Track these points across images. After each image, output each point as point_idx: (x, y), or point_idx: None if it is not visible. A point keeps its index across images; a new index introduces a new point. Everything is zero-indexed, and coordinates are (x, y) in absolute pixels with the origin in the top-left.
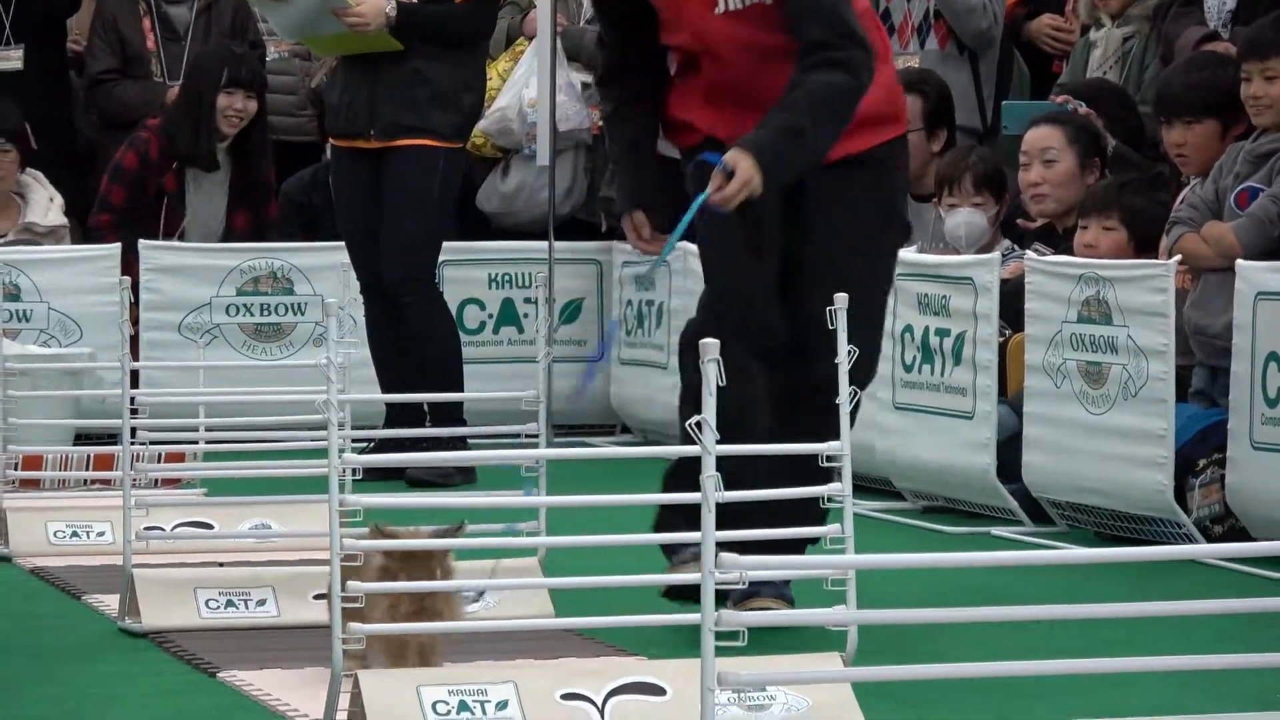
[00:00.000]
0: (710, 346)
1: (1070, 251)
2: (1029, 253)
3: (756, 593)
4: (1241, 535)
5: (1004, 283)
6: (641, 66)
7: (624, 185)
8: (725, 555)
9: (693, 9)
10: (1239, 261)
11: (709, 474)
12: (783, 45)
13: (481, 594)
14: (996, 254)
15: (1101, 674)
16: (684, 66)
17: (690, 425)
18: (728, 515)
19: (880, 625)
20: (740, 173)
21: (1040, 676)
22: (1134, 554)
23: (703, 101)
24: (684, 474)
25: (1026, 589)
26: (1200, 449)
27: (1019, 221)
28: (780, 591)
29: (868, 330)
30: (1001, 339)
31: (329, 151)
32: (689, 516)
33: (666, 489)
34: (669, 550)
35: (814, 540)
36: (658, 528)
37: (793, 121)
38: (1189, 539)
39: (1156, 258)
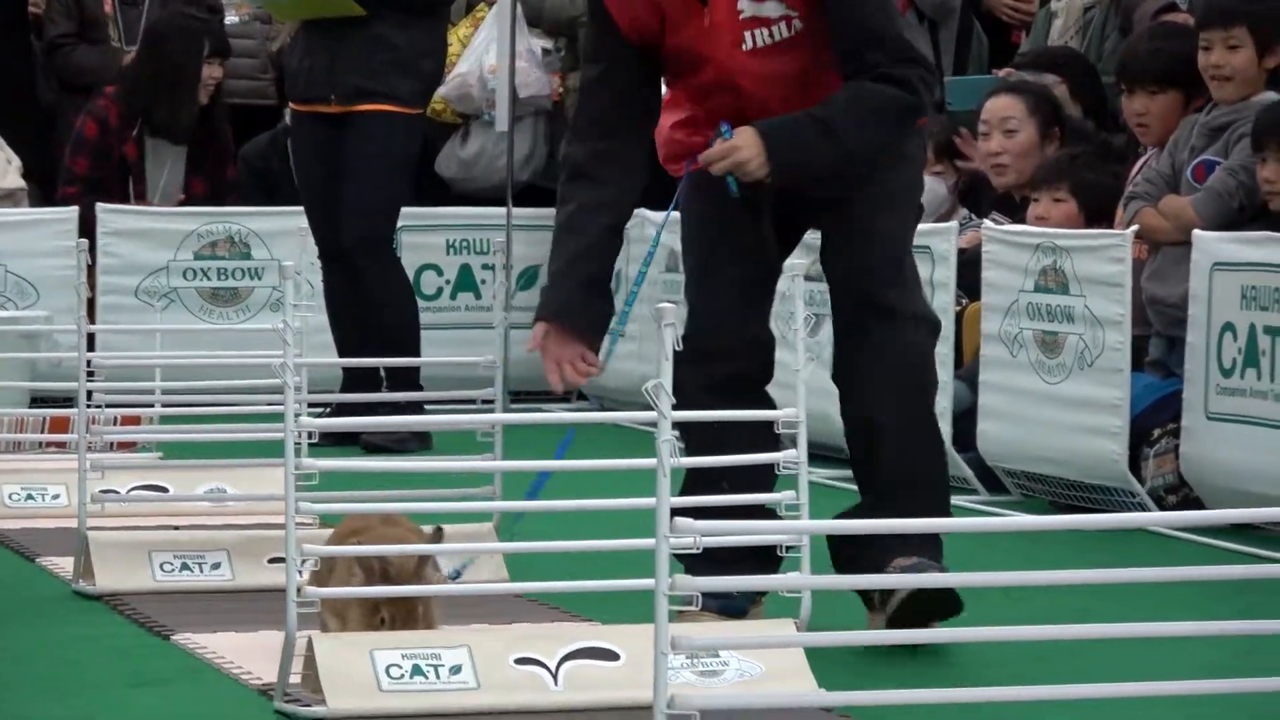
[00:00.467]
0: (668, 311)
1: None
2: (987, 222)
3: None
4: (1195, 505)
5: (961, 252)
6: (621, 145)
7: (548, 296)
8: (679, 520)
9: (721, 48)
10: (1195, 232)
11: (664, 439)
12: (814, 68)
13: (458, 574)
14: (954, 223)
15: (1056, 640)
16: (699, 96)
17: (646, 390)
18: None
19: (835, 591)
20: (736, 138)
21: (994, 643)
22: (1087, 521)
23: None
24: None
25: (981, 557)
26: (1155, 419)
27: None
28: (728, 607)
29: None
30: (958, 308)
31: (288, 116)
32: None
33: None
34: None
35: (778, 560)
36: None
37: (823, 114)
38: (1143, 509)
39: (1108, 229)
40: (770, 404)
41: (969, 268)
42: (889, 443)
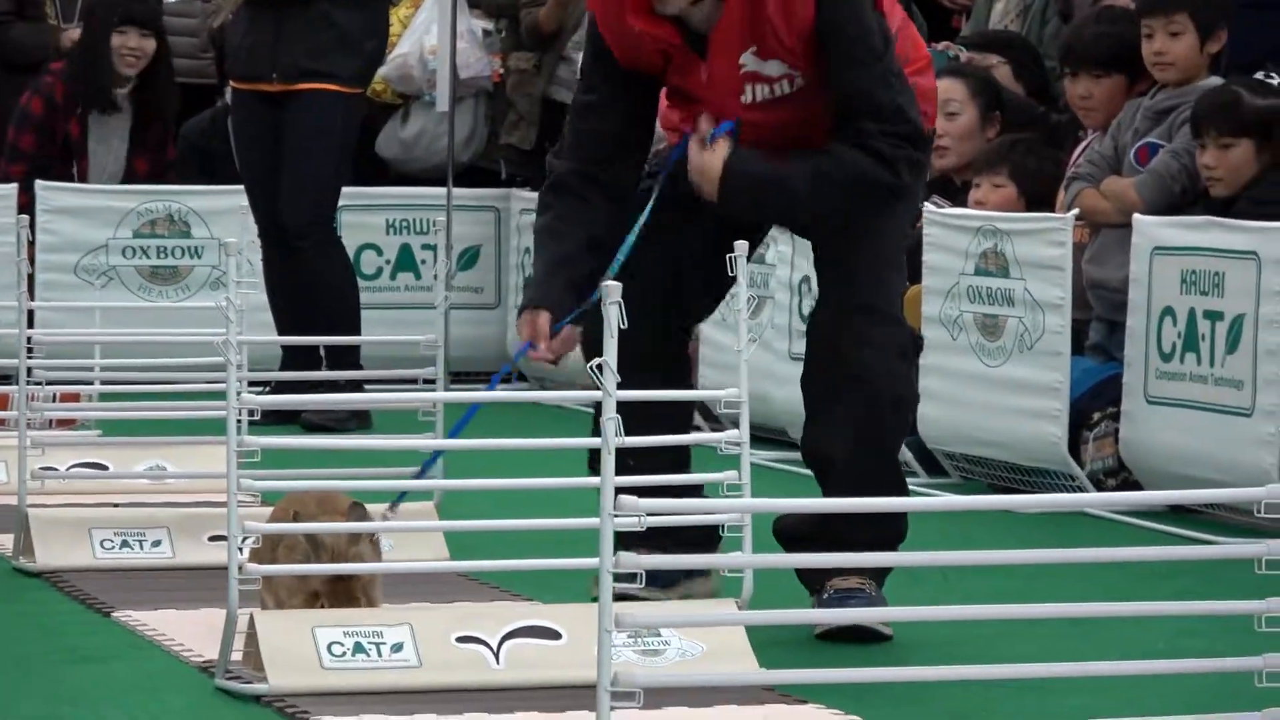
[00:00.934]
0: (612, 289)
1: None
2: (927, 205)
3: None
4: (1134, 489)
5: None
6: (609, 172)
7: (532, 288)
8: (624, 498)
9: (718, 96)
10: (1135, 216)
11: (609, 416)
12: (815, 117)
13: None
14: None
15: (992, 620)
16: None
17: (591, 368)
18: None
19: (776, 571)
20: (710, 158)
21: (931, 623)
22: (1023, 501)
23: None
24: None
25: (919, 538)
26: (1095, 403)
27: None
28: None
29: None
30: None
31: (228, 94)
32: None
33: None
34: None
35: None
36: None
37: (791, 172)
38: (1082, 492)
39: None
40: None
41: (909, 251)
42: (839, 480)
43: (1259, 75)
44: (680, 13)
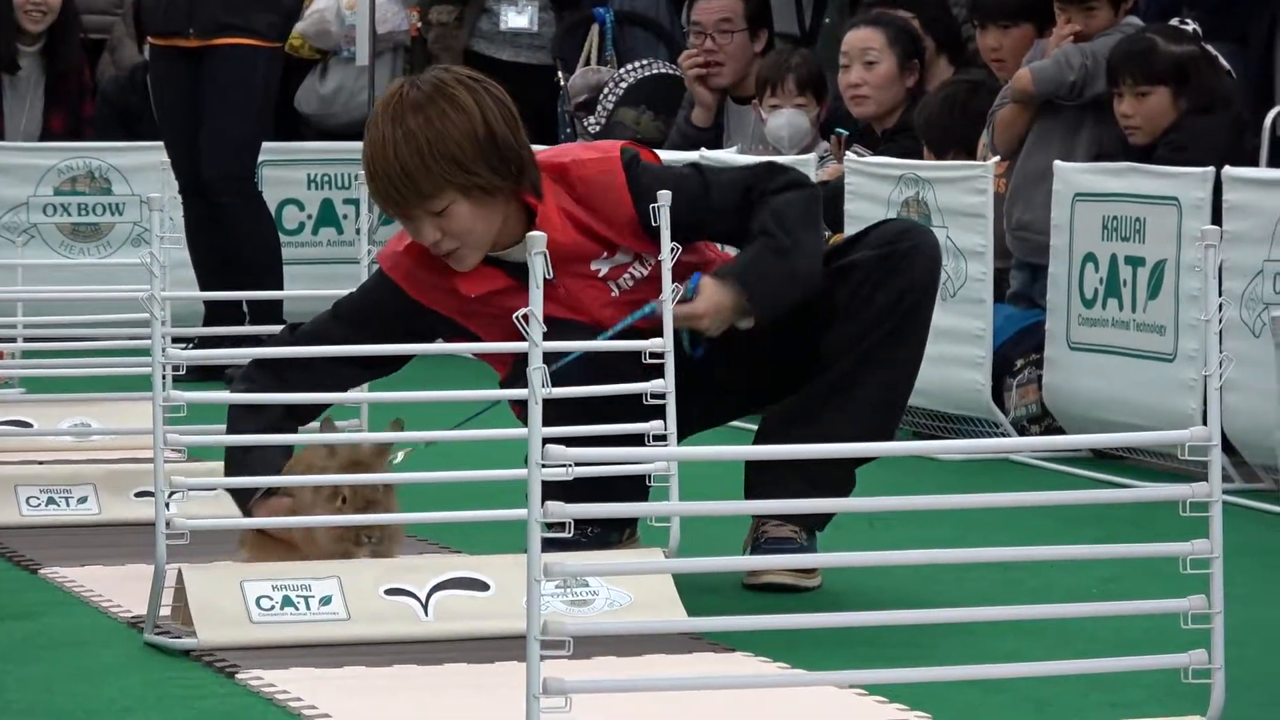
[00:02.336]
0: (536, 240)
1: (889, 153)
2: (849, 154)
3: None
4: (1058, 435)
5: (823, 184)
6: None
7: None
8: (551, 447)
9: (588, 301)
10: (1056, 163)
11: (535, 367)
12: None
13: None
14: (814, 155)
15: (920, 566)
16: None
17: (517, 318)
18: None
19: (704, 519)
20: (704, 293)
21: (858, 569)
22: (950, 447)
23: None
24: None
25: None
26: (1018, 349)
27: None
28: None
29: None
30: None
31: (146, 50)
32: None
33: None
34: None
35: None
36: None
37: (768, 242)
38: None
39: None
40: None
41: (831, 200)
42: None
43: (1174, 21)
44: (503, 255)
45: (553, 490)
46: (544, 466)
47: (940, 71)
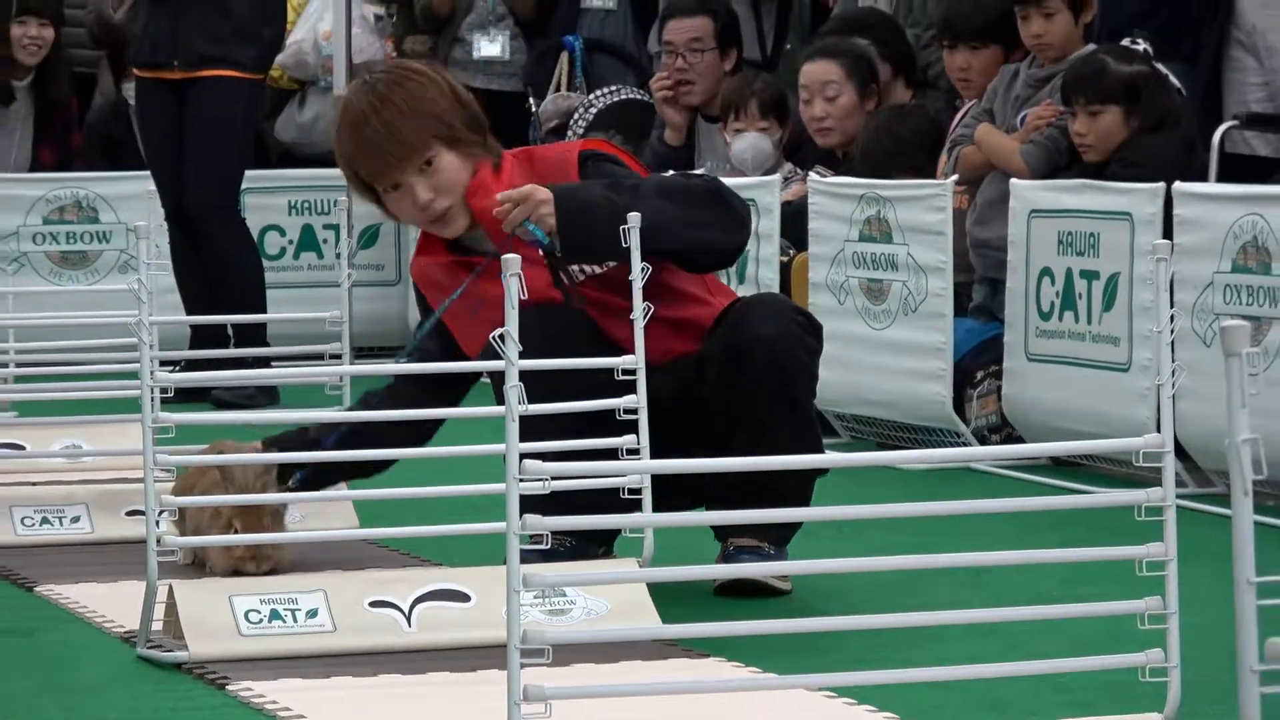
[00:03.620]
0: (511, 262)
1: (850, 173)
2: (812, 174)
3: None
4: (1018, 444)
5: (786, 204)
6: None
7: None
8: (529, 462)
9: (536, 279)
10: (1013, 181)
11: (512, 385)
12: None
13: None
14: (778, 176)
15: (886, 572)
16: None
17: (493, 338)
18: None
19: (676, 530)
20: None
21: (829, 576)
22: (913, 456)
23: None
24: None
25: (814, 496)
26: (978, 361)
27: None
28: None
29: None
30: (786, 259)
31: (130, 84)
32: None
33: None
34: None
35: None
36: None
37: (608, 185)
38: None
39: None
40: None
41: (795, 220)
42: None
43: (1125, 41)
44: (463, 238)
45: (530, 504)
46: (521, 481)
47: (897, 94)
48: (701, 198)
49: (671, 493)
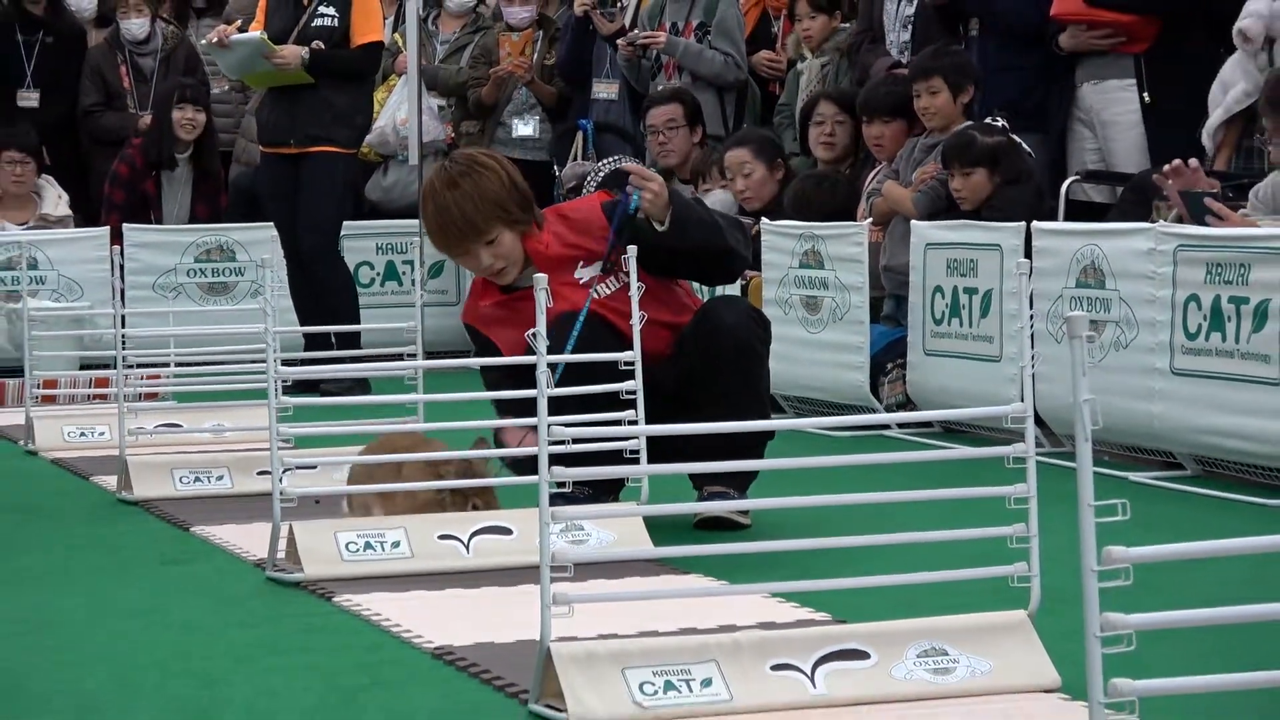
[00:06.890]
0: (540, 279)
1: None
2: (763, 219)
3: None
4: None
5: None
6: None
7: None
8: (555, 427)
9: (573, 296)
10: (913, 222)
11: (541, 371)
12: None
13: None
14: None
15: (820, 507)
16: None
17: (529, 336)
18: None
19: (665, 480)
20: (659, 181)
21: (779, 510)
22: (840, 422)
23: None
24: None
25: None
26: (888, 356)
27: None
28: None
29: None
30: (744, 281)
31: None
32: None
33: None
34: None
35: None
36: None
37: (697, 203)
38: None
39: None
40: None
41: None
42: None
43: (988, 119)
44: (516, 281)
45: (558, 460)
46: (551, 442)
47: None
48: (732, 221)
49: (663, 454)
